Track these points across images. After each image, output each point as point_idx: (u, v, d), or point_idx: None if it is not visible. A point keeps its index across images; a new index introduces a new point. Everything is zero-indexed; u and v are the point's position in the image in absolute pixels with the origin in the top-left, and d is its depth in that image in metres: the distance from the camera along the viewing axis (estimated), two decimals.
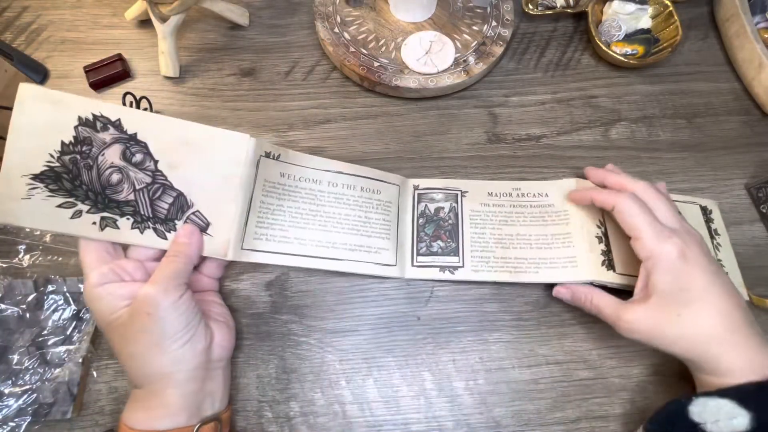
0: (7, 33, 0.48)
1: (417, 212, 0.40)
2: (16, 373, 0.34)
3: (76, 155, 0.30)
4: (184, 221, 0.32)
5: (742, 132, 0.45)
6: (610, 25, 0.47)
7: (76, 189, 0.30)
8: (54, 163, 0.30)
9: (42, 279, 0.37)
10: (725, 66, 0.48)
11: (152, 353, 0.29)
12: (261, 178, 0.34)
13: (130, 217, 0.31)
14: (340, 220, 0.37)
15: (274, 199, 0.35)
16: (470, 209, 0.40)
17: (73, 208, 0.30)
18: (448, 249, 0.38)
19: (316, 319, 0.38)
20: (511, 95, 0.47)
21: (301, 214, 0.36)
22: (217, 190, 0.32)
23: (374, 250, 0.37)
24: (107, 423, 0.34)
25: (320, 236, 0.36)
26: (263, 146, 0.34)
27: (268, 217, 0.34)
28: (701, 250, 0.31)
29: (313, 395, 0.35)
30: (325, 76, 0.47)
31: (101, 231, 0.31)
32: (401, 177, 0.41)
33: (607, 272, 0.36)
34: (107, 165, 0.31)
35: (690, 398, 0.29)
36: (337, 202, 0.37)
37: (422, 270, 0.38)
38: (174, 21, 0.44)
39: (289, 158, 0.36)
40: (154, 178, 0.31)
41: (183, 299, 0.29)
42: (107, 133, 0.30)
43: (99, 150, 0.31)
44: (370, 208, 0.38)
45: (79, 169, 0.30)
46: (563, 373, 0.36)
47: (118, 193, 0.31)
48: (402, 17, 0.47)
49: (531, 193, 0.40)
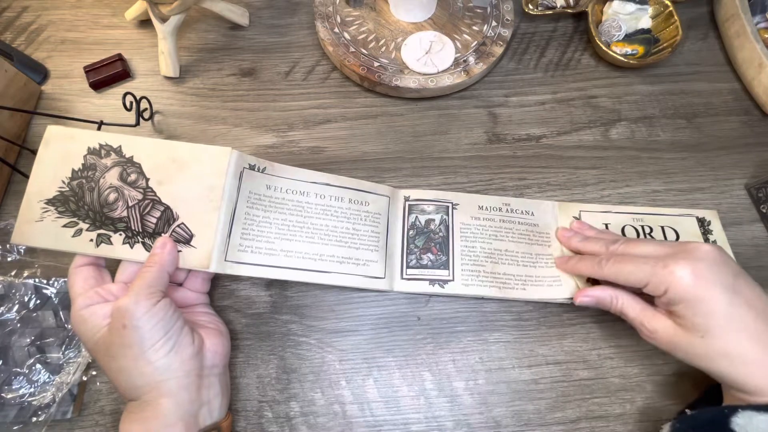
0: (7, 33, 0.48)
1: (407, 224, 0.39)
2: (16, 374, 0.34)
3: (82, 179, 0.34)
4: (170, 234, 0.32)
5: (742, 132, 0.45)
6: (610, 25, 0.47)
7: (80, 209, 0.33)
8: (65, 188, 0.33)
9: (42, 280, 0.37)
10: (725, 66, 0.48)
11: (138, 365, 0.28)
12: (245, 189, 0.34)
13: (122, 233, 0.32)
14: (327, 232, 0.36)
15: (259, 210, 0.35)
16: (461, 222, 0.39)
17: (75, 227, 0.33)
18: (438, 262, 0.38)
19: (316, 319, 0.38)
20: (511, 95, 0.47)
21: (288, 226, 0.35)
22: (200, 202, 0.33)
23: (362, 262, 0.37)
24: (107, 423, 0.34)
25: (307, 248, 0.35)
26: (246, 159, 0.34)
27: (254, 228, 0.34)
28: (713, 261, 0.29)
29: (313, 395, 0.35)
30: (325, 76, 0.47)
31: (97, 247, 0.32)
32: (391, 188, 0.40)
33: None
34: (107, 186, 0.33)
35: (735, 409, 0.28)
36: (325, 214, 0.37)
37: (411, 283, 0.37)
38: (174, 21, 0.44)
39: (275, 171, 0.36)
40: (145, 195, 0.33)
41: (158, 307, 0.29)
42: (109, 159, 0.34)
43: (101, 174, 0.34)
44: (358, 220, 0.38)
45: (84, 191, 0.33)
46: (563, 373, 0.36)
47: (113, 210, 0.33)
48: (402, 17, 0.47)
49: (519, 209, 0.40)
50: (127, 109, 0.42)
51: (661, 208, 0.41)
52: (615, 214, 0.40)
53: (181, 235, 0.32)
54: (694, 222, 0.40)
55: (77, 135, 0.34)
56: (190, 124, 0.45)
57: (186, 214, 0.33)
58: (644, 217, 0.40)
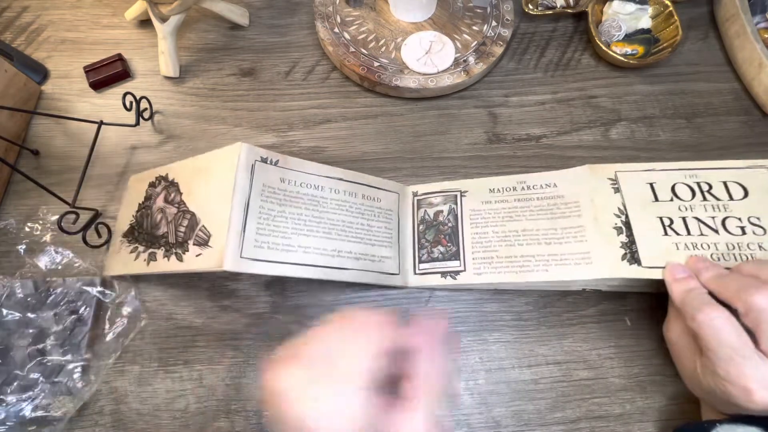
0: (7, 33, 0.48)
1: (417, 219, 0.39)
2: (16, 374, 0.34)
3: (143, 210, 0.38)
4: (193, 240, 0.32)
5: (742, 132, 0.45)
6: (610, 25, 0.47)
7: (140, 235, 0.37)
8: (133, 221, 0.38)
9: (42, 280, 0.37)
10: (725, 66, 0.48)
11: None
12: (258, 182, 0.33)
13: (163, 248, 0.34)
14: (344, 227, 0.36)
15: (274, 204, 0.33)
16: (470, 209, 0.38)
17: (136, 251, 0.36)
18: (448, 254, 0.37)
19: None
20: (511, 95, 0.47)
21: (304, 221, 0.34)
22: (216, 201, 0.32)
23: (378, 258, 0.36)
24: (107, 423, 0.34)
25: (325, 244, 0.34)
26: (257, 152, 0.33)
27: (269, 223, 0.32)
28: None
29: None
30: (325, 76, 0.47)
31: (147, 266, 0.35)
32: (400, 185, 0.40)
33: (630, 266, 0.32)
34: (156, 209, 0.37)
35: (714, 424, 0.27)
36: (340, 209, 0.36)
37: (424, 277, 0.37)
38: (174, 21, 0.44)
39: (289, 164, 0.35)
40: (179, 208, 0.35)
41: None
42: (160, 186, 0.37)
43: (153, 200, 0.37)
44: (371, 216, 0.37)
45: (143, 219, 0.37)
46: (563, 373, 0.36)
47: (159, 229, 0.35)
48: (402, 17, 0.47)
49: (537, 185, 0.37)
50: (127, 109, 0.42)
51: (722, 161, 0.34)
52: (660, 172, 0.35)
53: (201, 237, 0.32)
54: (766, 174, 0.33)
55: (146, 176, 0.39)
56: (190, 124, 0.45)
57: (205, 216, 0.33)
58: (698, 172, 0.34)
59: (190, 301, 0.38)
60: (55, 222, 0.37)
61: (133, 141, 0.44)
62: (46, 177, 0.42)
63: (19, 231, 0.39)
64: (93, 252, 0.39)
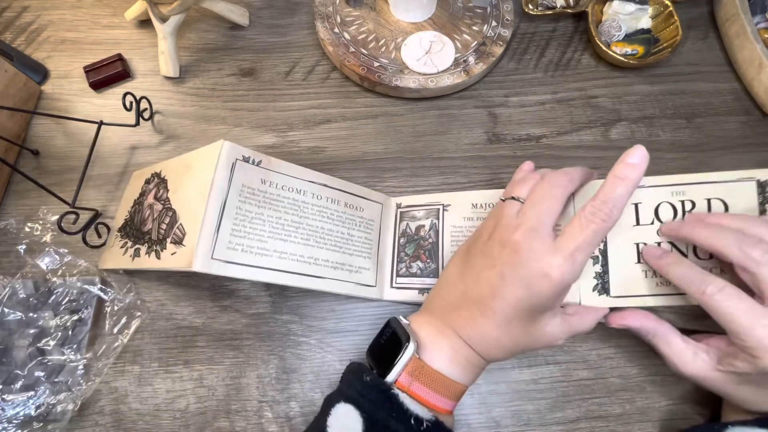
0: (7, 33, 0.48)
1: (398, 231, 0.39)
2: (17, 374, 0.34)
3: (136, 205, 0.38)
4: (170, 238, 0.31)
5: (742, 132, 0.45)
6: (610, 25, 0.47)
7: (131, 231, 0.37)
8: (127, 217, 0.38)
9: (42, 280, 0.37)
10: (725, 66, 0.48)
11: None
12: (237, 182, 0.31)
13: (146, 244, 0.34)
14: (323, 234, 0.35)
15: (252, 206, 0.32)
16: (451, 225, 0.37)
17: (125, 246, 0.36)
18: (427, 270, 0.36)
19: (316, 319, 0.38)
20: (511, 95, 0.47)
21: (283, 225, 0.33)
22: (193, 198, 0.31)
23: (355, 269, 0.36)
24: (107, 423, 0.34)
25: (302, 250, 0.33)
26: (240, 150, 0.32)
27: (245, 225, 0.31)
28: None
29: (313, 395, 0.35)
30: (325, 76, 0.47)
31: (132, 261, 0.34)
32: (384, 195, 0.40)
33: (599, 297, 0.31)
34: (146, 205, 0.36)
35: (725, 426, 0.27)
36: (321, 215, 0.35)
37: (401, 292, 0.37)
38: (174, 21, 0.44)
39: (272, 165, 0.33)
40: (164, 205, 0.34)
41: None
42: (152, 183, 0.37)
43: (145, 197, 0.37)
44: (353, 225, 0.37)
45: (135, 214, 0.37)
46: (563, 373, 0.36)
47: (146, 225, 0.35)
48: (402, 17, 0.47)
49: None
50: (127, 109, 0.42)
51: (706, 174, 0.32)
52: (649, 189, 0.32)
53: (177, 236, 0.31)
54: (753, 188, 0.30)
55: (145, 172, 0.39)
56: (190, 124, 0.45)
57: (183, 214, 0.32)
58: (687, 189, 0.31)
59: (190, 301, 0.38)
60: (55, 222, 0.37)
61: (133, 141, 0.44)
62: (46, 177, 0.42)
63: (19, 231, 0.39)
64: (93, 252, 0.39)
